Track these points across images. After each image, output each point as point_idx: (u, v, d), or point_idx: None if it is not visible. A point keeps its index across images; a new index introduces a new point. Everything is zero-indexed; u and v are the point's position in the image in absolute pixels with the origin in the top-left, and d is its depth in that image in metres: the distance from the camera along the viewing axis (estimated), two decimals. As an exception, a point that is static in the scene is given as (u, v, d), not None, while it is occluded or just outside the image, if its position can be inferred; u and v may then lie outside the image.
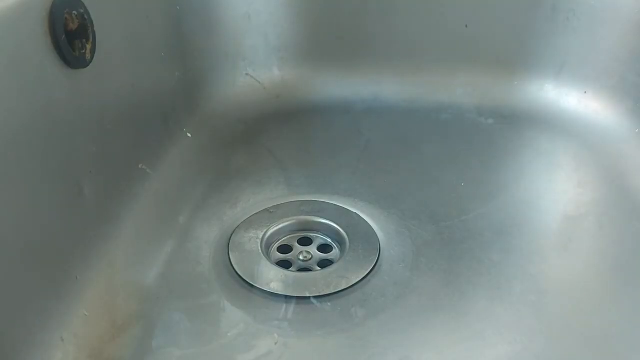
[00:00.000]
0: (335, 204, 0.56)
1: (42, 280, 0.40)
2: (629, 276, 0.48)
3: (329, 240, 0.53)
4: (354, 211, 0.55)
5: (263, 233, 0.52)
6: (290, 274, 0.49)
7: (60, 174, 0.42)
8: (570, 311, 0.46)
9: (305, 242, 0.53)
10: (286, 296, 0.46)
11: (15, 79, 0.37)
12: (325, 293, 0.47)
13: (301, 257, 0.51)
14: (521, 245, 0.51)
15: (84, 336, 0.42)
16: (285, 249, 0.53)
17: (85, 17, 0.44)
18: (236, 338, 0.44)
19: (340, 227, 0.53)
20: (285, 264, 0.51)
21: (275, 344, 0.43)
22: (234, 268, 0.49)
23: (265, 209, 0.55)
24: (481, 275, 0.48)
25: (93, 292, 0.44)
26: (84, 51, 0.44)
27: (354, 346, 0.43)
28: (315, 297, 0.47)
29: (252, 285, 0.47)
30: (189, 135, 0.63)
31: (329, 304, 0.46)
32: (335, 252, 0.52)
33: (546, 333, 0.44)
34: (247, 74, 0.73)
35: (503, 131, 0.67)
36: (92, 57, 0.45)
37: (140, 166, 0.53)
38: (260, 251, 0.51)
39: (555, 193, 0.58)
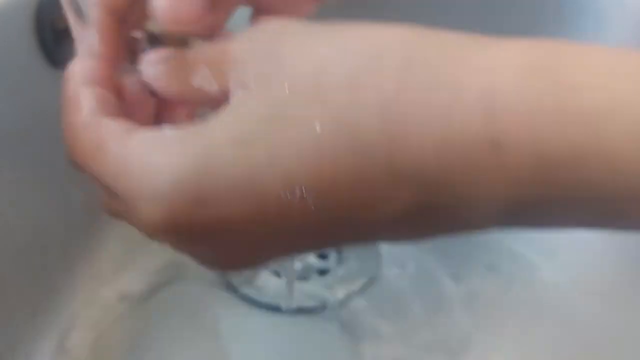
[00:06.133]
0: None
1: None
2: (629, 279, 0.48)
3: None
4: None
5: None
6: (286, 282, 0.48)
7: (47, 176, 0.41)
8: (570, 314, 0.46)
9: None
10: (282, 305, 0.46)
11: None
12: (321, 302, 0.47)
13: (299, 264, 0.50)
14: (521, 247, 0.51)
15: None
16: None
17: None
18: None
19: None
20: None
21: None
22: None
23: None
24: (482, 280, 0.48)
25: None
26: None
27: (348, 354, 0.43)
28: (310, 306, 0.46)
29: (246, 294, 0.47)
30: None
31: (325, 313, 0.46)
32: (332, 260, 0.51)
33: (546, 337, 0.44)
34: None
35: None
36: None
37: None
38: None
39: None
